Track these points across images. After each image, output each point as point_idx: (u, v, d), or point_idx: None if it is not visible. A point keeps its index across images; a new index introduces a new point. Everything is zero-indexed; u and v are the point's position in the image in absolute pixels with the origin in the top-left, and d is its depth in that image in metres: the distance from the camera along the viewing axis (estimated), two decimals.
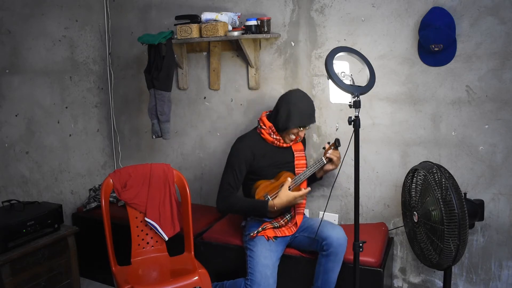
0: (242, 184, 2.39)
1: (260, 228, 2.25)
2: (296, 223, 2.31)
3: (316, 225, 2.22)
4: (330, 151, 2.31)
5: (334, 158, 2.30)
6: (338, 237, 2.14)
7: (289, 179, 2.25)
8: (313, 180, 2.47)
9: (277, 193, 2.27)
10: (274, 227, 2.28)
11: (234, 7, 2.78)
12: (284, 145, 2.35)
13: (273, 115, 2.34)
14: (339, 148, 2.35)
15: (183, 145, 3.16)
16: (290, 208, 2.34)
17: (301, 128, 2.29)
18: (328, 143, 2.36)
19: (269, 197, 2.26)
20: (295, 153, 2.38)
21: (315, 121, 2.35)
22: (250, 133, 2.41)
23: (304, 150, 2.46)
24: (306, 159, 2.43)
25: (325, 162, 2.31)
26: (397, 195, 2.49)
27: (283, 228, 2.29)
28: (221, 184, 2.31)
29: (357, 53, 1.95)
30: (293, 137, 2.32)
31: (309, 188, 2.27)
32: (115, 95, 3.33)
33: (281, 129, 2.30)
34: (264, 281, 2.10)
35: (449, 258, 1.89)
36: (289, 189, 2.23)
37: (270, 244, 2.22)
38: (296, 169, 2.37)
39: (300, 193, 2.21)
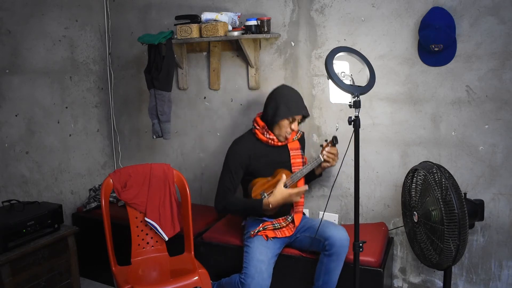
0: (241, 186, 2.39)
1: (261, 228, 2.25)
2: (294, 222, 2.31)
3: (317, 225, 2.22)
4: (327, 148, 2.29)
5: (331, 156, 2.28)
6: (341, 237, 2.13)
7: (284, 176, 2.23)
8: (313, 177, 2.46)
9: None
10: (275, 228, 2.28)
11: (234, 7, 2.78)
12: (279, 143, 2.34)
13: (263, 114, 2.34)
14: (337, 145, 2.32)
15: (183, 145, 3.16)
16: (290, 210, 2.34)
17: (291, 120, 2.26)
18: (326, 140, 2.34)
19: (265, 194, 2.26)
20: (291, 152, 2.37)
21: (307, 114, 2.32)
22: (245, 134, 2.41)
23: (301, 149, 2.42)
24: (303, 158, 2.41)
25: (322, 160, 2.28)
26: (397, 195, 2.49)
27: (284, 229, 2.29)
28: (218, 186, 2.32)
29: (357, 53, 1.95)
30: (286, 131, 2.28)
31: (306, 186, 2.25)
32: (115, 95, 3.33)
33: (271, 124, 2.29)
34: (258, 275, 2.10)
35: (449, 258, 1.89)
36: (285, 187, 2.22)
37: (268, 241, 2.22)
38: (292, 168, 2.36)
39: (296, 190, 2.19)
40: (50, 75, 2.89)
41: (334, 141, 2.29)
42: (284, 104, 2.24)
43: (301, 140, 2.47)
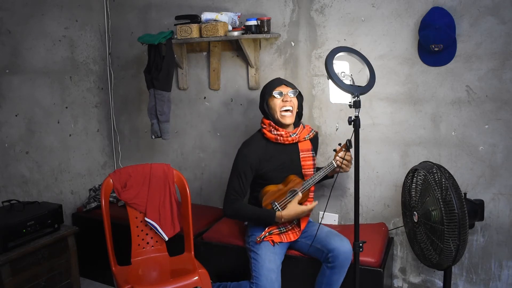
0: (250, 189, 2.36)
1: (266, 233, 2.22)
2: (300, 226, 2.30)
3: (321, 234, 2.20)
4: (340, 154, 2.21)
5: (344, 162, 2.20)
6: (345, 250, 2.10)
7: (300, 194, 2.21)
8: (324, 179, 2.39)
9: (285, 199, 2.23)
10: (280, 232, 2.25)
11: (234, 7, 2.78)
12: (289, 139, 2.27)
13: (262, 112, 2.36)
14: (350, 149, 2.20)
15: (183, 145, 3.16)
16: None
17: (278, 96, 2.22)
18: (339, 144, 2.26)
19: (276, 204, 2.22)
20: (301, 153, 2.31)
21: (288, 83, 2.29)
22: (254, 136, 2.35)
23: (313, 150, 2.36)
24: (314, 160, 2.35)
25: (335, 166, 2.22)
26: (397, 195, 2.49)
27: (289, 233, 2.26)
28: (227, 189, 2.27)
29: (357, 53, 1.95)
30: (281, 111, 2.23)
31: (316, 202, 2.25)
32: (115, 95, 3.33)
33: (268, 113, 2.27)
34: (270, 285, 2.08)
35: (449, 258, 1.89)
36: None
37: (275, 247, 2.20)
38: (303, 170, 2.31)
39: (309, 207, 2.20)
40: (50, 75, 2.89)
41: (348, 145, 2.16)
42: (266, 87, 2.31)
43: (314, 140, 2.42)
